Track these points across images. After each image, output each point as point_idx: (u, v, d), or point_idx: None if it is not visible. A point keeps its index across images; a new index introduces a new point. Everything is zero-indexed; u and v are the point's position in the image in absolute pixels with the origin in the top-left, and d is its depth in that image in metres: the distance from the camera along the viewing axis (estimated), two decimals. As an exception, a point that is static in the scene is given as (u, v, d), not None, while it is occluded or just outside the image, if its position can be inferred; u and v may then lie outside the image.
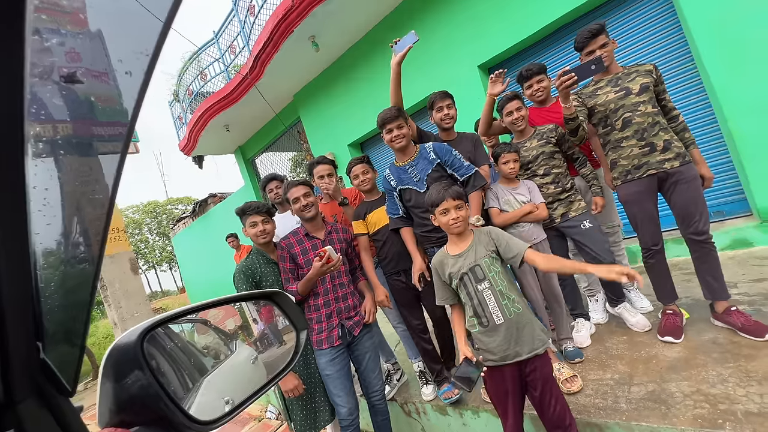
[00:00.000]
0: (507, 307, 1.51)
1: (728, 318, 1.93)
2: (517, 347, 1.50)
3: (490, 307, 1.52)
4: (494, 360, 1.55)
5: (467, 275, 1.56)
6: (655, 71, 2.00)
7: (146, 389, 0.48)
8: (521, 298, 1.56)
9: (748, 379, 1.59)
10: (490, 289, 1.52)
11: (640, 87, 1.95)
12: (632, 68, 2.03)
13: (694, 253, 2.01)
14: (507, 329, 1.50)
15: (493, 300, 1.52)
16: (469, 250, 1.59)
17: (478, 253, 1.57)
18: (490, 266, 1.54)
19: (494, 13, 3.87)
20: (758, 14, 2.64)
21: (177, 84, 7.07)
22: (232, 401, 0.76)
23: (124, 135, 0.26)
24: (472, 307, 1.56)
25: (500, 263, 1.57)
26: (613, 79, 2.05)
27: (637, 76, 1.98)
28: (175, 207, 38.07)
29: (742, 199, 3.11)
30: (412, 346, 2.57)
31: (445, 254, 1.65)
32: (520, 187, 2.25)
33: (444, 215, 1.59)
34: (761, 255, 2.74)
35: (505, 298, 1.52)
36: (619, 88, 2.00)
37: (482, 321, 1.54)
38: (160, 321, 0.56)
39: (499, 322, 1.51)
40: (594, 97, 2.09)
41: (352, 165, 2.44)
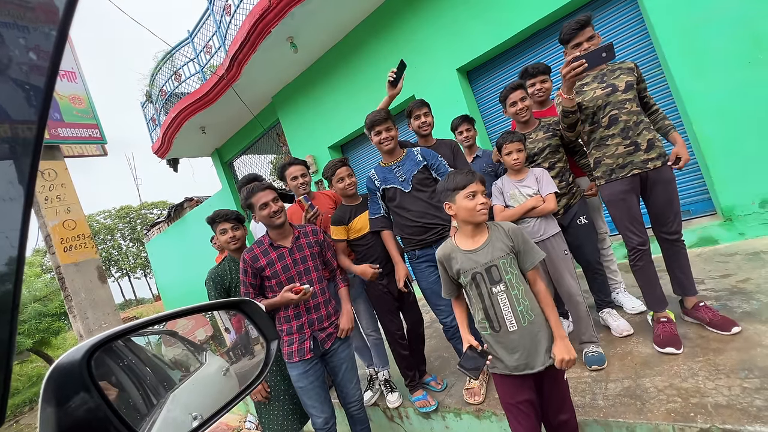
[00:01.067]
0: (522, 314, 1.37)
1: (697, 313, 2.00)
2: (529, 359, 1.38)
3: (504, 312, 1.38)
4: (504, 369, 1.42)
5: (481, 275, 1.40)
6: (636, 69, 1.99)
7: (94, 413, 0.43)
8: (536, 304, 1.43)
9: (717, 372, 1.65)
10: (505, 293, 1.38)
11: (626, 84, 1.93)
12: (615, 65, 2.01)
13: (666, 250, 2.04)
14: (520, 338, 1.37)
15: (507, 305, 1.38)
16: (484, 247, 1.42)
17: (495, 251, 1.40)
18: (507, 267, 1.39)
19: (473, 16, 3.92)
20: (722, 22, 2.78)
21: (150, 84, 6.82)
22: (200, 416, 0.72)
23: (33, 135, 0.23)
24: (482, 309, 1.42)
25: (517, 264, 1.43)
26: (599, 75, 2.01)
27: (621, 73, 1.97)
28: (150, 212, 36.78)
29: (707, 198, 3.25)
30: (381, 355, 2.59)
31: (454, 247, 1.48)
32: (527, 178, 2.09)
33: (471, 199, 1.40)
34: (726, 252, 2.87)
35: (521, 303, 1.38)
36: (606, 84, 1.97)
37: (493, 325, 1.41)
38: (112, 336, 0.51)
39: (512, 329, 1.38)
40: (581, 93, 2.03)
41: (336, 167, 2.32)
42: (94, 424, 0.43)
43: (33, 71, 0.25)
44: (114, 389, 0.74)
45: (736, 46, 2.76)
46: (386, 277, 2.30)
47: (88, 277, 4.60)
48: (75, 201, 4.79)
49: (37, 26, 0.25)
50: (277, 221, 1.96)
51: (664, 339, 1.92)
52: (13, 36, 0.25)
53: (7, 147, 0.24)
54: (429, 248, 2.16)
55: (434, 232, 2.13)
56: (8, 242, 0.26)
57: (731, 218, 2.98)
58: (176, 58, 6.28)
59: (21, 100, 0.25)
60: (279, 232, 2.00)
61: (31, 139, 0.24)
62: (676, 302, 2.17)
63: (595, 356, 2.02)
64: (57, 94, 4.81)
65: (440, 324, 2.30)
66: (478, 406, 2.13)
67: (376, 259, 2.29)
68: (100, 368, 0.76)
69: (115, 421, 0.44)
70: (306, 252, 2.03)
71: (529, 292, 1.41)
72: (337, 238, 2.32)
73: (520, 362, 1.38)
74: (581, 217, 2.19)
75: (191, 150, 7.73)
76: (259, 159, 7.71)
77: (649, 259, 2.03)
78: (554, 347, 1.36)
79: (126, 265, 38.03)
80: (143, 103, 7.27)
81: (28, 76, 0.25)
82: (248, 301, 0.64)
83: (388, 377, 2.60)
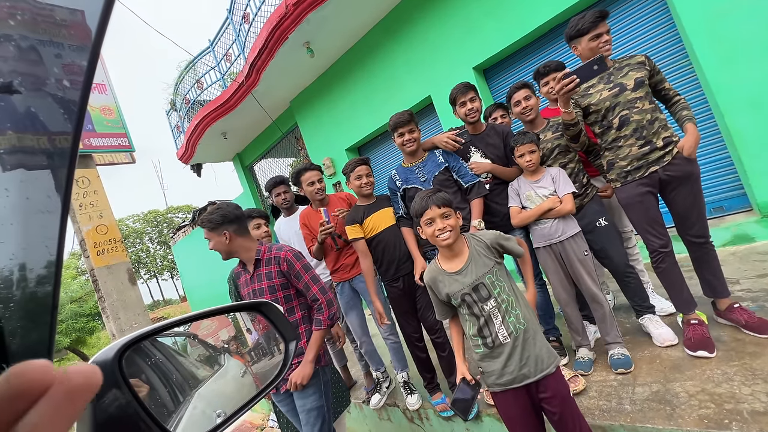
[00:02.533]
0: (513, 324, 1.36)
1: (731, 315, 1.88)
2: (524, 369, 1.35)
3: (497, 325, 1.37)
4: (501, 385, 1.40)
5: (469, 295, 1.39)
6: (647, 62, 1.87)
7: (124, 409, 0.46)
8: (527, 308, 1.42)
9: (754, 377, 1.56)
10: (497, 308, 1.37)
11: (635, 82, 1.83)
12: (623, 61, 1.91)
13: (693, 254, 1.93)
14: (512, 348, 1.36)
15: (500, 318, 1.37)
16: (467, 267, 1.41)
17: (479, 269, 1.40)
18: (494, 282, 1.38)
19: (488, 15, 3.87)
20: (751, 8, 2.64)
21: (174, 93, 7.08)
22: (223, 413, 0.74)
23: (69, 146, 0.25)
24: (476, 326, 1.41)
25: (504, 272, 1.42)
26: (605, 75, 1.93)
27: (630, 70, 1.87)
28: (176, 215, 38.10)
29: (741, 194, 3.09)
30: (400, 358, 2.59)
31: (439, 270, 1.47)
32: (544, 179, 2.04)
33: (429, 226, 1.42)
34: (763, 250, 2.72)
35: (511, 314, 1.37)
36: (613, 84, 1.88)
37: (487, 341, 1.39)
38: (141, 336, 0.54)
39: (504, 341, 1.36)
40: (587, 96, 1.97)
41: (356, 165, 2.33)
42: (125, 419, 0.46)
43: (68, 85, 0.27)
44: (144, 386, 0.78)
45: (766, 37, 2.61)
46: (401, 279, 2.30)
47: (120, 279, 4.82)
48: (106, 207, 5.03)
49: (71, 43, 0.27)
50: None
51: (696, 342, 1.83)
52: (49, 52, 0.27)
53: (45, 157, 0.26)
54: None
55: None
56: (47, 251, 0.28)
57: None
58: (198, 66, 6.50)
59: (58, 113, 0.27)
60: (247, 256, 1.85)
61: (67, 149, 0.26)
62: (708, 303, 2.07)
63: (621, 359, 1.94)
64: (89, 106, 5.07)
65: None
66: (499, 409, 2.10)
67: (389, 260, 2.30)
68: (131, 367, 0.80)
69: (144, 417, 0.47)
70: (264, 284, 1.80)
71: (517, 300, 1.40)
72: (354, 237, 2.32)
73: (516, 374, 1.36)
74: (600, 219, 2.09)
75: (213, 155, 7.96)
76: (278, 163, 7.86)
77: (673, 261, 1.93)
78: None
79: (154, 267, 39.52)
80: (168, 111, 7.55)
81: (64, 90, 0.27)
82: (266, 302, 0.66)
83: (407, 379, 2.60)
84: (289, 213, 2.98)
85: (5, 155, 0.25)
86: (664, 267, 1.93)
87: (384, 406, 2.75)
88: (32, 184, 0.26)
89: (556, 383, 1.36)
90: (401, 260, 2.28)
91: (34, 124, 0.25)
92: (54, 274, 0.28)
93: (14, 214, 0.25)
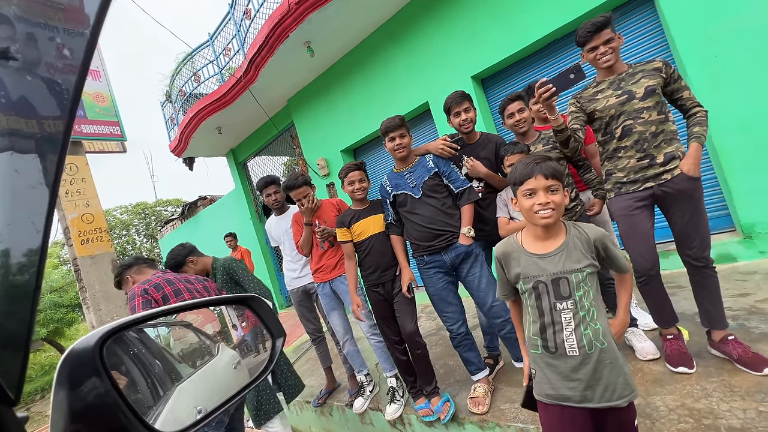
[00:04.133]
0: (588, 338, 1.12)
1: (725, 347, 1.79)
2: (587, 391, 1.13)
3: (566, 333, 1.14)
4: (552, 398, 1.18)
5: (545, 285, 1.17)
6: (665, 68, 1.76)
7: (103, 398, 0.45)
8: (610, 330, 1.17)
9: (732, 394, 1.59)
10: (572, 312, 1.14)
11: (645, 90, 1.74)
12: (638, 67, 1.82)
13: (693, 277, 1.85)
14: (580, 364, 1.13)
15: (571, 326, 1.13)
16: (557, 253, 1.17)
17: (570, 261, 1.15)
18: (581, 283, 1.14)
19: (490, 24, 3.92)
20: (744, 32, 2.72)
21: (170, 85, 7.00)
22: (204, 410, 0.73)
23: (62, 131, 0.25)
24: (538, 323, 1.19)
25: (596, 279, 1.17)
26: (616, 80, 1.84)
27: (642, 77, 1.77)
28: (165, 209, 37.45)
29: (726, 215, 3.17)
30: (386, 358, 2.59)
31: (518, 247, 1.24)
32: None
33: (528, 198, 1.17)
34: (744, 270, 2.78)
35: (589, 327, 1.13)
36: (622, 91, 1.80)
37: (548, 345, 1.17)
38: (125, 325, 0.52)
39: (572, 354, 1.13)
40: (594, 101, 1.88)
41: (349, 170, 2.37)
42: (103, 408, 0.45)
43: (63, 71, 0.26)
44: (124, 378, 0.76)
45: (758, 57, 2.69)
46: (381, 286, 2.34)
47: (103, 270, 4.71)
48: (94, 195, 4.93)
49: (68, 27, 0.27)
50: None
51: (675, 357, 1.84)
52: (44, 36, 0.27)
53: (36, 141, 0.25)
54: (437, 254, 2.16)
55: (443, 238, 2.13)
56: (34, 227, 0.27)
57: (751, 236, 2.89)
58: (196, 59, 6.44)
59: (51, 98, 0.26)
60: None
61: (59, 135, 0.25)
62: (692, 320, 2.10)
63: None
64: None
65: (447, 331, 2.29)
66: (482, 417, 2.10)
67: (373, 266, 2.34)
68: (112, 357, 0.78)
69: (124, 408, 0.46)
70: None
71: (601, 314, 1.15)
72: (343, 240, 2.38)
73: (576, 393, 1.13)
74: None
75: (207, 149, 7.88)
76: (272, 160, 7.81)
77: (659, 283, 1.88)
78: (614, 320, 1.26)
79: (139, 260, 38.66)
80: (163, 102, 7.46)
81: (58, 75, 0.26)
82: (255, 297, 0.65)
83: (395, 385, 2.58)
84: (281, 212, 2.97)
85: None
86: (648, 289, 1.90)
87: (367, 411, 2.73)
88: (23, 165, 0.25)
89: (626, 415, 1.15)
90: (384, 268, 2.33)
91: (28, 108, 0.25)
92: (39, 253, 0.27)
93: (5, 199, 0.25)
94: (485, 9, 3.92)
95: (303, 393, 3.43)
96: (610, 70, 1.87)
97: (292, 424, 3.54)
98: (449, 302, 2.20)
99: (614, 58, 1.83)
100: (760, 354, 1.71)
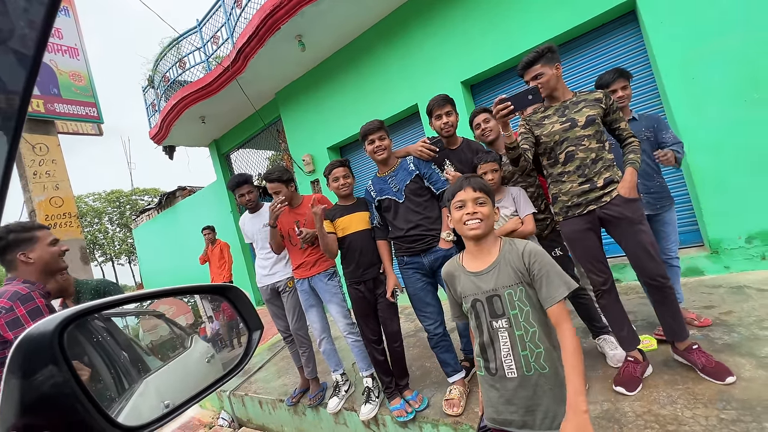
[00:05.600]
0: (527, 359, 1.10)
1: (689, 356, 1.86)
2: (527, 417, 1.10)
3: (503, 353, 1.13)
4: (496, 422, 1.17)
5: (481, 303, 1.17)
6: (605, 99, 1.87)
7: (60, 388, 0.41)
8: (555, 351, 1.11)
9: (695, 402, 1.66)
10: (507, 331, 1.13)
11: (586, 120, 1.83)
12: (582, 95, 1.92)
13: (651, 296, 1.93)
14: (517, 387, 1.11)
15: (508, 345, 1.12)
16: (490, 270, 1.17)
17: (502, 278, 1.15)
18: (515, 300, 1.12)
19: (481, 33, 3.97)
20: (724, 59, 2.85)
21: (153, 69, 6.76)
22: (172, 404, 0.69)
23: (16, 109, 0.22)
24: (480, 342, 1.19)
25: (533, 298, 1.13)
26: (561, 107, 1.93)
27: (584, 106, 1.86)
28: (141, 198, 36.22)
29: (695, 230, 3.31)
30: (363, 357, 2.58)
31: (458, 266, 1.27)
32: (505, 198, 2.08)
33: (458, 209, 1.20)
34: (711, 284, 2.91)
35: (527, 348, 1.10)
36: (566, 118, 1.88)
37: (489, 366, 1.17)
38: (89, 309, 0.49)
39: (510, 375, 1.12)
40: (541, 126, 1.96)
41: (334, 167, 2.40)
42: (60, 399, 0.41)
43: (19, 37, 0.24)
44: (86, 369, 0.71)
45: (735, 83, 2.83)
46: (362, 284, 2.35)
47: (71, 257, 4.49)
48: (64, 178, 4.70)
49: None
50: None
51: (623, 378, 1.89)
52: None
53: None
54: (417, 256, 2.19)
55: (423, 242, 2.16)
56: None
57: (718, 251, 3.03)
58: (182, 45, 6.25)
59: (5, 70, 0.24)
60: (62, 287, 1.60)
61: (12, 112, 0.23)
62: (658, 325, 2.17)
63: None
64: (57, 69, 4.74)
65: (425, 332, 2.29)
66: (457, 419, 2.11)
67: (354, 262, 2.36)
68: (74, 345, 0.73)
69: (83, 399, 0.42)
70: None
71: (546, 337, 1.11)
72: (328, 231, 2.39)
73: (517, 417, 1.11)
74: (556, 249, 2.18)
75: (189, 139, 7.65)
76: (257, 154, 7.66)
77: (614, 298, 1.94)
78: (564, 420, 1.00)
79: (111, 250, 37.37)
80: (144, 87, 7.20)
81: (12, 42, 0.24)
82: (232, 286, 0.62)
83: (370, 385, 2.57)
84: (254, 210, 2.92)
85: None
86: (604, 303, 1.96)
87: (341, 411, 2.70)
88: None
89: None
90: (366, 266, 2.34)
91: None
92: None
93: None
94: (478, 17, 3.96)
95: (277, 391, 3.37)
96: (555, 98, 1.96)
97: (264, 423, 3.47)
98: (427, 303, 2.23)
99: (545, 91, 1.91)
100: (722, 363, 1.78)
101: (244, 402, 3.68)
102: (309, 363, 2.91)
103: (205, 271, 6.09)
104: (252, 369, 4.22)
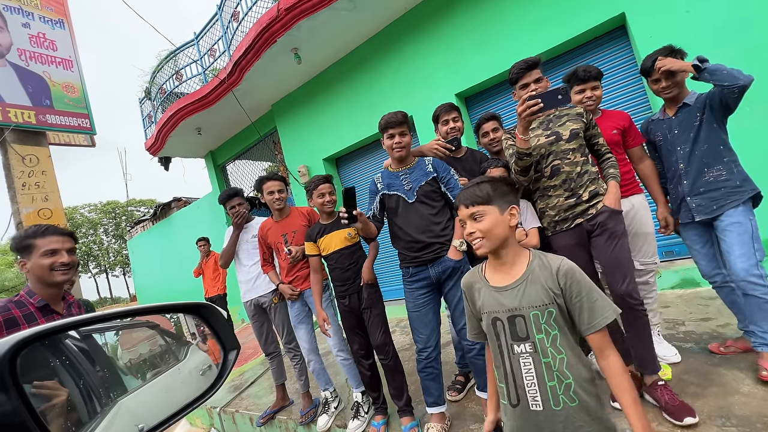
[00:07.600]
0: (554, 391, 0.96)
1: (654, 393, 1.74)
2: None
3: (527, 383, 0.98)
4: None
5: (501, 323, 1.03)
6: (585, 115, 1.86)
7: (8, 417, 0.38)
8: (589, 384, 0.98)
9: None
10: (531, 357, 0.98)
11: (570, 133, 1.81)
12: (564, 110, 1.90)
13: (623, 315, 1.72)
14: (547, 423, 0.96)
15: (532, 374, 0.98)
16: (516, 286, 1.03)
17: (528, 296, 1.00)
18: (541, 323, 0.98)
19: (474, 46, 4.03)
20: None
21: (150, 81, 6.80)
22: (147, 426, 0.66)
23: None
24: (501, 367, 1.04)
25: (563, 321, 0.99)
26: (545, 121, 1.91)
27: (567, 120, 1.85)
28: (137, 209, 36.05)
29: (690, 241, 3.29)
30: (354, 374, 2.52)
31: (480, 277, 1.13)
32: None
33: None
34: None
35: (554, 378, 0.96)
36: (550, 132, 1.86)
37: (510, 395, 1.02)
38: (44, 332, 0.46)
39: (535, 408, 0.97)
40: None
41: (319, 183, 2.33)
42: (7, 430, 0.38)
43: None
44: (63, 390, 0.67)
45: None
46: (347, 297, 2.32)
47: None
48: (54, 190, 4.65)
49: None
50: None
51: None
52: None
53: None
54: (423, 267, 1.99)
55: (431, 251, 1.97)
56: None
57: (713, 262, 3.01)
58: (179, 58, 6.30)
59: None
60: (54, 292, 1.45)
61: None
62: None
63: None
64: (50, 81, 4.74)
65: None
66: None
67: (339, 279, 2.33)
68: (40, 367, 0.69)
69: (33, 428, 0.39)
70: None
71: (575, 365, 0.97)
72: (310, 253, 2.36)
73: None
74: None
75: (185, 150, 7.65)
76: (253, 165, 7.66)
77: None
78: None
79: (105, 261, 37.01)
80: (141, 99, 7.23)
81: None
82: (208, 305, 0.60)
83: (360, 400, 2.51)
84: (245, 224, 2.91)
85: None
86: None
87: (331, 428, 2.63)
88: None
89: None
90: (349, 280, 2.31)
91: None
92: None
93: None
94: (470, 31, 4.03)
95: (268, 407, 3.28)
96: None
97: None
98: (425, 323, 2.05)
99: None
100: (686, 403, 1.65)
101: (234, 419, 3.58)
102: (301, 375, 2.85)
103: (200, 283, 6.02)
104: (243, 385, 4.12)
